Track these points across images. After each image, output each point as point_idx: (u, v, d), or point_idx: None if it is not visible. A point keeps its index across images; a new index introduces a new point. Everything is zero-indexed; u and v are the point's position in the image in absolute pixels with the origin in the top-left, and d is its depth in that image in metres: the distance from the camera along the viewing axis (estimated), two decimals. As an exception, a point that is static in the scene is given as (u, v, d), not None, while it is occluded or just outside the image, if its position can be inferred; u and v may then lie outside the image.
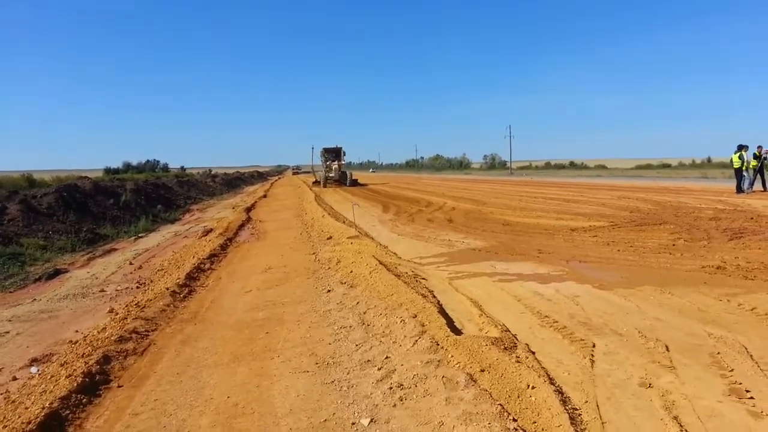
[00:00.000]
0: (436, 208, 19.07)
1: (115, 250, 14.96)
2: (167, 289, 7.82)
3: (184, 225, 21.02)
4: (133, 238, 17.42)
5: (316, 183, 39.59)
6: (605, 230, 11.59)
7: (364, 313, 5.66)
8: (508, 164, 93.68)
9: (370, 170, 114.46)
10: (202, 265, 9.75)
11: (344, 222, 14.63)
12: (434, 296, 6.28)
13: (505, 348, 4.24)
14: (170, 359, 4.94)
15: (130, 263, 12.27)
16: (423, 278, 7.38)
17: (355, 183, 39.16)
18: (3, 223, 14.71)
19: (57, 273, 11.40)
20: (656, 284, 6.65)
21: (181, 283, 8.25)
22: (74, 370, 4.46)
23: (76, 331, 6.60)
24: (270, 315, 6.19)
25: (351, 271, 7.58)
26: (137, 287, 9.42)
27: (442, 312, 5.38)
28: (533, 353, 4.33)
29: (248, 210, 21.94)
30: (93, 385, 4.28)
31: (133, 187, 28.91)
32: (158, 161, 68.70)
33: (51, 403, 3.79)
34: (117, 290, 9.25)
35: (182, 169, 69.30)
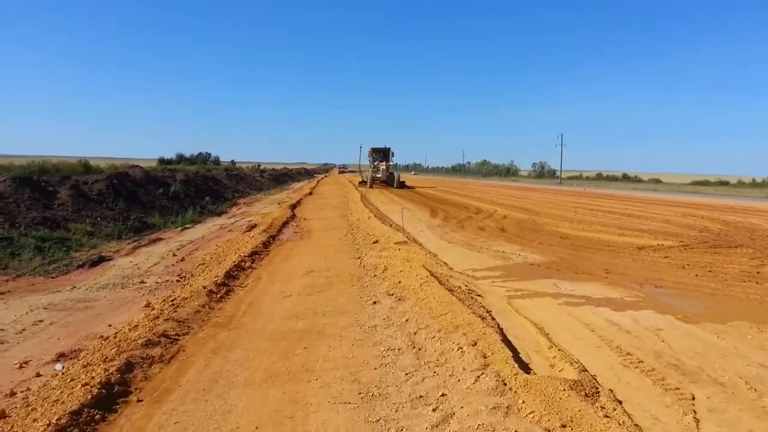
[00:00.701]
0: (486, 215, 18.23)
1: (161, 239, 14.87)
2: (204, 287, 7.40)
3: (230, 218, 20.96)
4: (179, 228, 17.38)
5: (363, 183, 38.84)
6: (676, 251, 10.54)
7: (415, 333, 5.02)
8: (558, 173, 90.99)
9: (412, 172, 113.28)
10: (243, 263, 9.35)
11: (391, 225, 14.03)
12: (493, 318, 5.58)
13: (587, 395, 3.52)
14: (198, 371, 4.45)
15: (174, 254, 12.07)
16: (478, 295, 6.68)
17: (402, 185, 37.69)
18: (53, 207, 14.83)
19: (101, 260, 11.25)
20: (751, 320, 5.73)
21: (219, 281, 7.84)
22: (92, 378, 4.02)
23: (109, 326, 6.28)
24: (310, 326, 5.64)
25: (399, 282, 6.95)
26: (177, 281, 9.11)
27: (505, 340, 4.68)
28: (620, 403, 3.58)
29: (293, 207, 21.68)
30: (110, 397, 3.82)
31: (183, 178, 29.20)
32: (210, 154, 69.71)
33: (59, 419, 3.33)
34: (157, 282, 8.97)
35: (233, 162, 70.26)
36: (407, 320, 5.37)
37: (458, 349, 4.31)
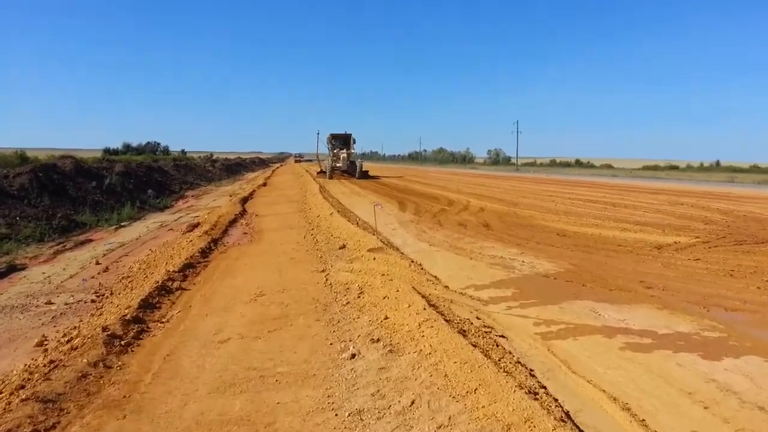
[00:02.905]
0: (460, 207, 16.31)
1: (90, 241, 12.61)
2: (104, 329, 5.11)
3: (174, 213, 18.42)
4: (114, 227, 14.95)
5: (321, 173, 34.58)
6: (701, 250, 8.88)
7: (433, 434, 2.95)
8: (513, 160, 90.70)
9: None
10: (170, 283, 7.04)
11: (357, 223, 11.89)
12: (541, 385, 3.58)
13: None
14: None
15: (98, 262, 9.82)
16: (500, 335, 4.66)
17: (365, 175, 33.77)
18: (-46, 206, 12.07)
19: (10, 270, 9.19)
20: None
21: (130, 316, 5.55)
22: None
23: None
24: (252, 410, 3.48)
25: (385, 317, 4.85)
26: (92, 300, 7.07)
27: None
28: None
29: (244, 201, 19.19)
30: None
31: (122, 169, 26.10)
32: (159, 143, 65.11)
33: None
34: (66, 304, 6.95)
35: (183, 152, 65.95)
36: (413, 403, 3.27)
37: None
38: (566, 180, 38.90)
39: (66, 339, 5.55)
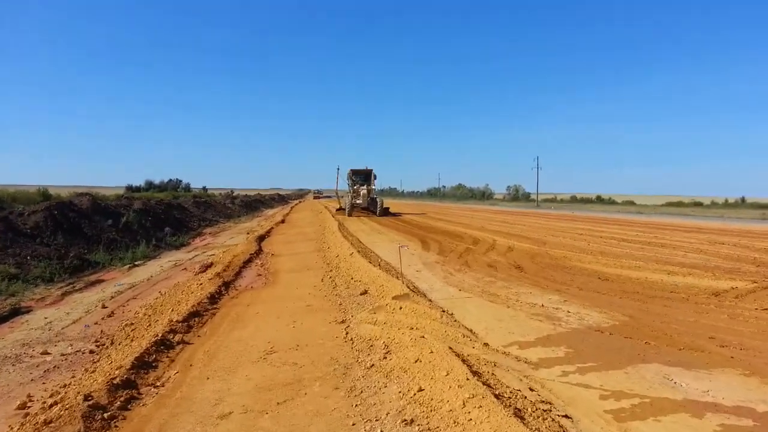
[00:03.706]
0: (487, 246, 15.43)
1: (101, 281, 12.20)
2: (86, 398, 4.35)
3: (190, 252, 17.91)
4: (127, 266, 14.50)
5: (341, 210, 33.28)
6: (765, 297, 7.88)
7: None
8: (532, 196, 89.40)
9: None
10: (171, 336, 6.29)
11: (379, 265, 11.09)
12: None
13: None
14: None
15: (104, 306, 9.32)
16: (562, 414, 3.77)
17: (386, 212, 32.51)
18: (-32, 244, 11.72)
19: (14, 313, 8.75)
20: None
21: (119, 380, 4.79)
22: None
23: None
24: None
25: (419, 388, 4.01)
26: (91, 351, 6.52)
27: None
28: None
29: (260, 239, 18.55)
30: None
31: (140, 206, 25.87)
32: (180, 180, 65.72)
33: None
34: (63, 354, 6.42)
35: (204, 189, 66.38)
36: None
37: None
38: (592, 217, 37.72)
39: (49, 403, 4.83)
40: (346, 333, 6.00)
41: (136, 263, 15.18)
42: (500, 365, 4.73)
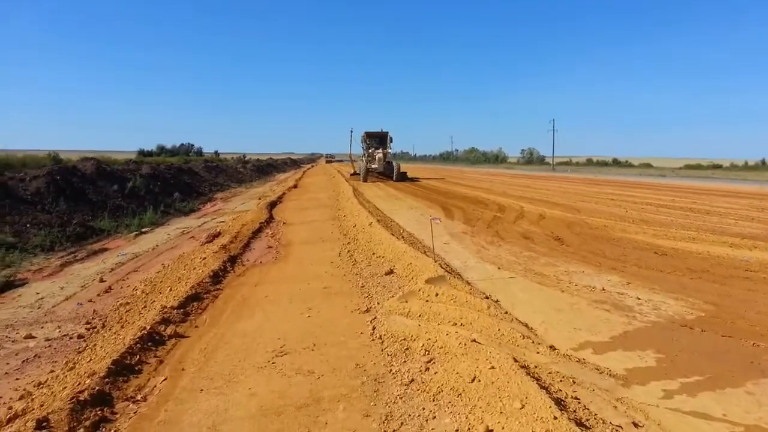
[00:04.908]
0: (516, 214, 14.18)
1: (104, 250, 11.50)
2: (38, 428, 3.31)
3: (199, 218, 16.99)
4: (134, 234, 13.69)
5: (355, 175, 32.26)
6: None
7: None
8: (547, 159, 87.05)
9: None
10: (162, 328, 5.23)
11: (402, 236, 9.93)
12: None
13: None
14: None
15: (101, 280, 8.50)
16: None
17: (403, 177, 30.75)
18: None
19: (7, 287, 8.04)
20: None
21: (88, 394, 3.75)
22: None
23: None
24: None
25: (487, 428, 2.88)
26: (79, 336, 5.69)
27: None
28: None
29: (272, 205, 17.43)
30: None
31: (149, 171, 24.87)
32: (192, 145, 64.55)
33: None
34: (48, 340, 5.62)
35: (216, 153, 65.16)
36: None
37: None
38: (615, 180, 36.06)
39: (8, 416, 3.83)
40: (373, 328, 4.89)
41: (143, 230, 14.32)
42: (580, 382, 3.59)
